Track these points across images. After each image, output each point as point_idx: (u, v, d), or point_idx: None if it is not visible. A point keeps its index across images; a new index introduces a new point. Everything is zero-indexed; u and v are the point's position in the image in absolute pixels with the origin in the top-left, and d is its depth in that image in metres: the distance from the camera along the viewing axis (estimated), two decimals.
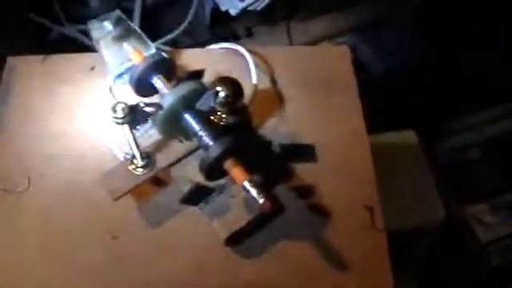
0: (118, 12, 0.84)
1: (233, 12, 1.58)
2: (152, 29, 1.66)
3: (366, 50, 1.92)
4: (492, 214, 1.73)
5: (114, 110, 0.66)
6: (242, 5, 1.55)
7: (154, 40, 0.86)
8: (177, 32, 1.66)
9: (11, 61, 0.98)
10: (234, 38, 1.80)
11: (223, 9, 1.59)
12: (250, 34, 1.83)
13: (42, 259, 0.78)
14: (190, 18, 1.65)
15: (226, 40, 1.00)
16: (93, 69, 0.96)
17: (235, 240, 0.77)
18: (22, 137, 0.89)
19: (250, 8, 1.58)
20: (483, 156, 1.90)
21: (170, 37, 1.65)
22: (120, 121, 0.67)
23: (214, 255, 0.78)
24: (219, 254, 0.78)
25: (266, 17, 1.78)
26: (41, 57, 0.98)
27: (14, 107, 0.92)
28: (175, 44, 1.71)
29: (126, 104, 0.67)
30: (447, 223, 1.43)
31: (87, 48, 1.61)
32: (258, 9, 1.59)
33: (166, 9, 1.73)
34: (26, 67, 0.97)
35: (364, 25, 1.93)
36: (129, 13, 1.58)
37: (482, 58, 1.92)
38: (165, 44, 1.62)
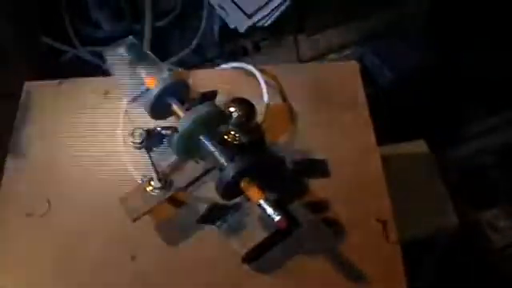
0: (131, 38, 0.86)
1: (241, 29, 1.60)
2: (162, 48, 1.68)
3: (374, 60, 1.92)
4: (506, 219, 1.73)
5: (133, 136, 0.69)
6: (250, 22, 1.57)
7: (163, 59, 0.88)
8: (187, 51, 1.68)
9: (28, 86, 1.00)
10: (243, 54, 1.82)
11: (231, 26, 1.62)
12: (258, 49, 1.84)
13: (63, 281, 0.80)
14: (199, 36, 1.68)
15: (234, 56, 1.02)
16: (107, 92, 0.98)
17: (252, 257, 0.79)
18: (40, 161, 0.91)
19: (258, 24, 1.60)
20: (495, 162, 1.90)
21: (180, 56, 1.67)
22: (138, 145, 0.69)
23: (232, 272, 0.79)
24: (237, 271, 0.79)
25: (274, 31, 1.80)
26: (56, 81, 1.00)
27: (31, 132, 0.94)
28: (185, 62, 1.73)
29: (143, 129, 0.69)
30: (461, 230, 1.43)
31: (100, 69, 1.63)
32: (266, 25, 1.61)
33: (176, 29, 1.75)
34: (43, 92, 0.99)
35: (371, 36, 1.94)
36: (139, 34, 1.61)
37: (492, 63, 1.92)
38: (175, 63, 1.65)
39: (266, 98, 0.91)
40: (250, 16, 1.57)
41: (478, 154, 1.91)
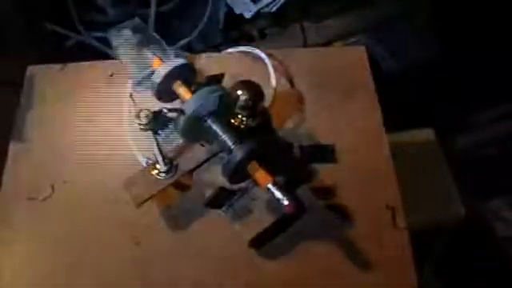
0: (137, 19, 0.85)
1: (247, 15, 1.58)
2: (166, 34, 1.67)
3: (380, 48, 1.91)
4: (511, 209, 1.72)
5: (139, 117, 0.67)
6: (255, 7, 1.55)
7: (168, 45, 0.87)
8: (191, 37, 1.67)
9: (31, 70, 0.99)
10: (248, 40, 1.81)
11: (237, 12, 1.60)
12: (263, 36, 1.83)
13: (66, 265, 0.79)
14: (204, 22, 1.66)
15: (239, 42, 1.01)
16: (111, 75, 0.97)
17: (259, 242, 0.78)
18: (44, 145, 0.90)
19: (263, 10, 1.59)
20: (501, 151, 1.89)
21: (184, 41, 1.66)
22: (144, 127, 0.68)
23: (238, 258, 0.78)
24: (243, 257, 0.78)
25: (280, 18, 1.78)
26: (59, 65, 0.99)
27: (35, 116, 0.93)
28: (189, 48, 1.72)
29: (149, 111, 0.68)
30: (467, 220, 1.42)
31: (104, 55, 1.62)
32: (272, 10, 1.59)
33: (180, 14, 1.74)
34: (46, 76, 0.98)
35: (377, 24, 1.93)
36: (144, 19, 1.60)
37: (496, 57, 1.91)
38: (179, 49, 1.64)
39: (273, 82, 0.90)
40: (255, 2, 1.56)
41: (484, 144, 1.91)
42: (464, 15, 1.90)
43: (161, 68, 0.75)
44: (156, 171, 0.79)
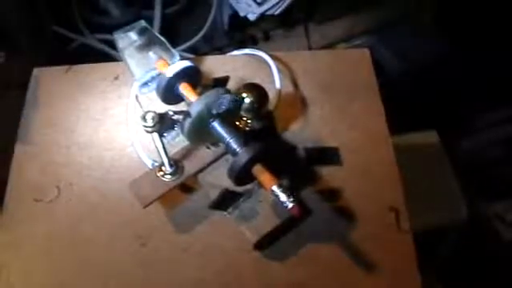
0: (142, 22, 0.86)
1: (251, 17, 1.59)
2: (171, 36, 1.67)
3: (383, 51, 1.91)
4: None
5: (144, 119, 0.68)
6: (260, 10, 1.56)
7: (173, 47, 0.87)
8: (196, 39, 1.67)
9: (36, 72, 0.99)
10: (252, 43, 1.81)
11: (242, 14, 1.61)
12: (267, 38, 1.84)
13: (71, 267, 0.80)
14: (208, 24, 1.67)
15: (243, 45, 1.01)
16: (116, 78, 0.97)
17: (264, 244, 0.78)
18: (49, 147, 0.90)
19: (268, 13, 1.59)
20: (505, 154, 1.89)
21: (189, 44, 1.67)
22: (150, 129, 0.69)
23: (243, 259, 0.79)
24: (248, 259, 0.78)
25: (284, 21, 1.79)
26: (65, 67, 0.99)
27: (40, 118, 0.93)
28: (194, 50, 1.73)
29: (155, 113, 0.68)
30: (471, 222, 1.43)
31: (108, 57, 1.63)
32: (276, 13, 1.60)
33: (185, 16, 1.75)
34: (51, 78, 0.98)
35: (381, 25, 1.93)
36: (149, 21, 1.60)
37: (501, 53, 1.91)
38: (184, 51, 1.64)
39: (277, 84, 0.90)
40: (260, 4, 1.56)
41: (488, 146, 1.91)
42: (468, 16, 1.90)
43: (166, 70, 0.75)
44: (162, 173, 0.79)
